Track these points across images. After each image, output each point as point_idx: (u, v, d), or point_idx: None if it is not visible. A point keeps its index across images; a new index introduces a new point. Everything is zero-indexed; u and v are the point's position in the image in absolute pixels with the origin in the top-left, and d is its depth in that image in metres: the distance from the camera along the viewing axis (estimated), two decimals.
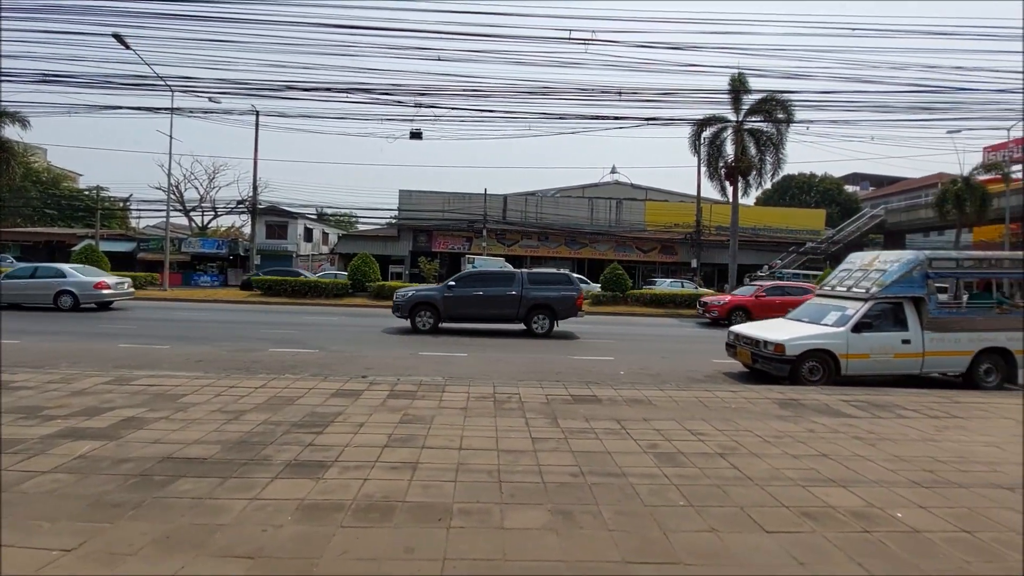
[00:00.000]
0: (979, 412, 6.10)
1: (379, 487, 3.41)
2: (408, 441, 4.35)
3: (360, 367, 8.28)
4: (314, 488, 3.36)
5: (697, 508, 3.29)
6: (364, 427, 4.69)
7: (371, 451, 4.08)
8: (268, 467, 3.69)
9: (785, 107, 22.44)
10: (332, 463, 3.81)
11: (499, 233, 33.20)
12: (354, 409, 5.25)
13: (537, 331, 12.95)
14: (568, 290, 13.29)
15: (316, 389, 6.01)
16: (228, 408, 5.14)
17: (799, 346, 7.74)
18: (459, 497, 3.30)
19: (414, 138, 21.63)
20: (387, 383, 6.46)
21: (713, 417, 5.44)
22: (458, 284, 13.07)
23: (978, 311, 8.41)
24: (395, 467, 3.77)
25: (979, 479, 3.99)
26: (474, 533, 2.85)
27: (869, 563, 2.71)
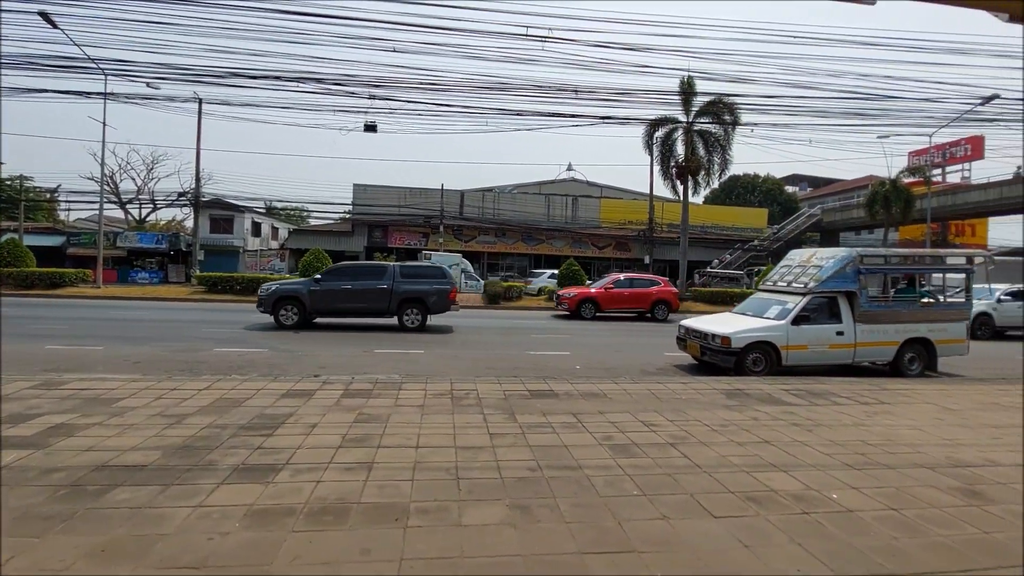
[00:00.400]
0: (904, 398, 6.59)
1: (333, 489, 3.34)
2: (363, 441, 4.27)
3: (313, 366, 8.04)
4: (264, 493, 3.25)
5: (650, 497, 3.40)
6: (317, 428, 4.56)
7: (324, 452, 3.97)
8: (214, 472, 3.53)
9: (732, 110, 23.36)
10: (283, 466, 3.68)
11: (456, 229, 32.99)
12: (306, 410, 5.10)
13: (409, 325, 12.72)
14: (441, 283, 13.10)
15: (265, 390, 5.79)
16: (169, 412, 4.88)
17: (744, 339, 8.12)
18: (416, 496, 3.27)
19: (369, 131, 21.10)
20: (341, 382, 6.30)
21: (665, 408, 5.62)
22: (325, 277, 12.69)
23: (903, 304, 9.08)
24: (350, 468, 3.69)
25: (904, 460, 4.31)
26: (431, 532, 2.84)
27: (808, 543, 2.88)
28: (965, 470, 4.12)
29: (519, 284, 25.28)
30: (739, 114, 23.13)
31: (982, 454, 4.54)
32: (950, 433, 5.14)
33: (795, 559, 2.71)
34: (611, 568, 2.56)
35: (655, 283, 18.27)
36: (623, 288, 17.76)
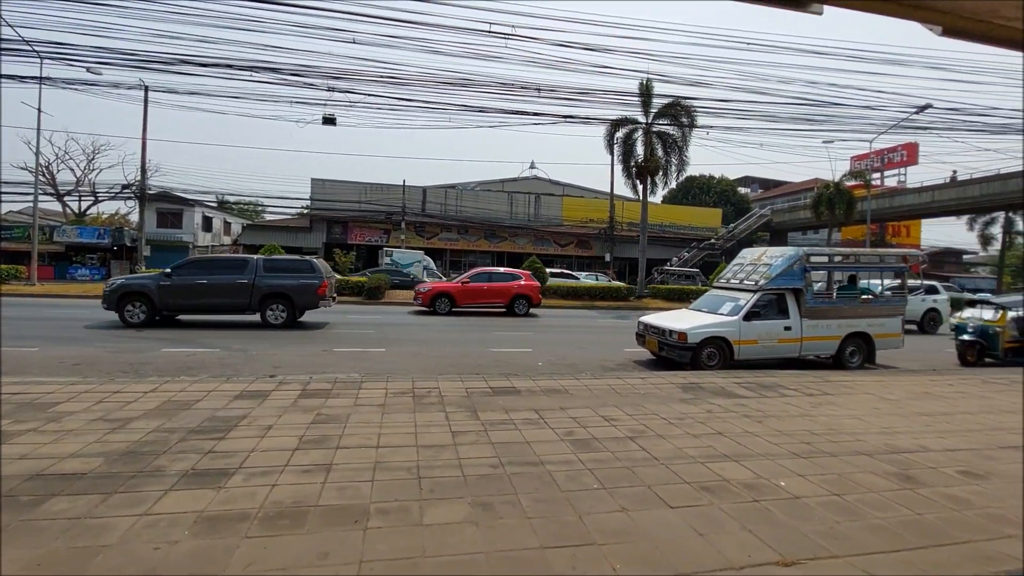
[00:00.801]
0: (845, 389, 6.98)
1: (289, 492, 3.25)
2: (322, 442, 4.17)
3: (268, 366, 7.79)
4: (215, 498, 3.13)
5: (609, 490, 3.47)
6: (272, 430, 4.42)
7: (280, 455, 3.86)
8: (161, 479, 3.38)
9: (689, 112, 24.03)
10: (236, 470, 3.56)
11: (418, 226, 32.61)
12: (261, 411, 4.94)
13: (273, 322, 11.99)
14: (309, 278, 12.32)
15: (217, 391, 5.57)
16: (112, 416, 4.62)
17: (699, 334, 8.39)
18: (377, 497, 3.23)
19: (327, 124, 20.53)
20: (298, 382, 6.13)
21: (624, 403, 5.75)
22: (178, 272, 11.82)
23: (845, 301, 9.61)
24: (307, 470, 3.60)
25: (846, 448, 4.57)
26: (392, 532, 2.81)
27: (758, 529, 3.02)
28: (900, 456, 4.41)
29: None
30: (696, 117, 23.82)
31: (915, 441, 4.86)
32: (887, 422, 5.48)
33: (746, 545, 2.83)
34: (572, 561, 2.60)
35: (516, 277, 17.81)
36: (481, 282, 17.28)
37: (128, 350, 8.71)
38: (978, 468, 4.20)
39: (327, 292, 12.58)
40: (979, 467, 4.22)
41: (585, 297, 23.47)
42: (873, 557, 2.77)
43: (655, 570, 2.56)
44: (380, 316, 15.96)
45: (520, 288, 17.40)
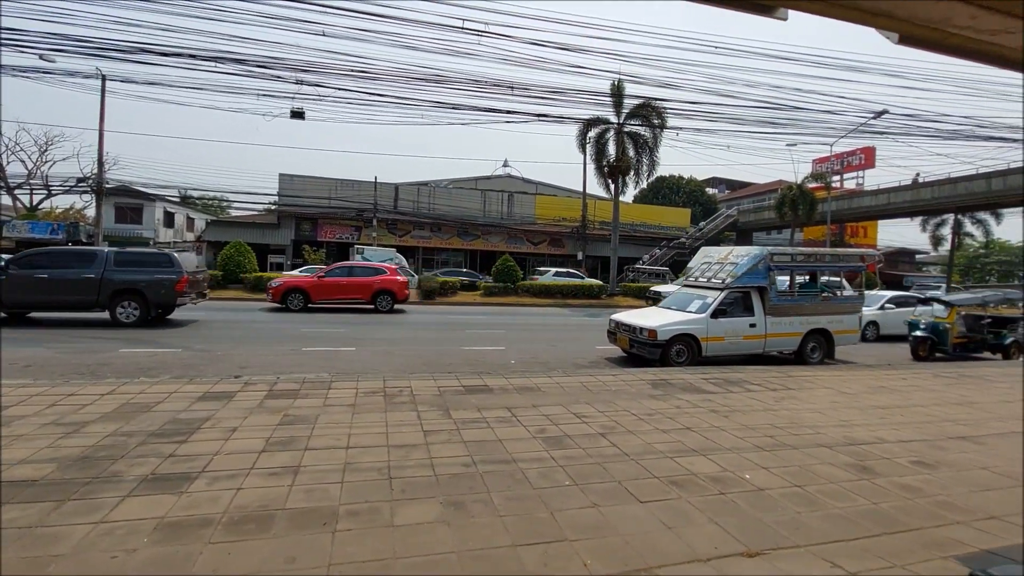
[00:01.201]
0: (807, 384, 7.23)
1: (255, 496, 3.16)
2: (289, 444, 4.08)
3: (233, 366, 7.57)
4: (176, 504, 3.02)
5: (581, 486, 3.50)
6: (237, 432, 4.30)
7: (246, 457, 3.76)
8: (118, 484, 3.24)
9: (659, 113, 24.42)
10: (199, 474, 3.45)
11: (390, 223, 32.17)
12: (225, 413, 4.80)
13: (124, 320, 11.12)
14: (166, 272, 11.39)
15: (179, 393, 5.38)
16: (66, 420, 4.41)
17: (668, 331, 8.56)
18: (346, 498, 3.18)
19: (295, 118, 20.01)
20: (265, 382, 5.98)
21: (596, 400, 5.81)
22: (15, 265, 10.83)
23: (806, 298, 9.95)
24: (274, 473, 3.52)
25: (807, 441, 4.73)
26: (362, 534, 2.77)
27: (724, 521, 3.10)
28: (858, 448, 4.59)
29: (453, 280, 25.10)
30: (666, 118, 24.22)
31: (872, 433, 5.07)
32: (845, 415, 5.70)
33: (712, 537, 2.90)
34: (543, 558, 2.62)
35: (379, 272, 16.86)
36: (340, 277, 16.22)
37: (84, 351, 8.33)
38: (929, 458, 4.41)
39: (188, 288, 11.61)
40: (930, 457, 4.44)
41: (557, 295, 23.62)
42: (833, 546, 2.88)
43: (625, 564, 2.60)
44: (351, 315, 15.69)
45: (383, 283, 16.39)
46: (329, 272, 16.44)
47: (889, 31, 1.44)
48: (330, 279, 16.07)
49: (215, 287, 20.71)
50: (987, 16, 1.29)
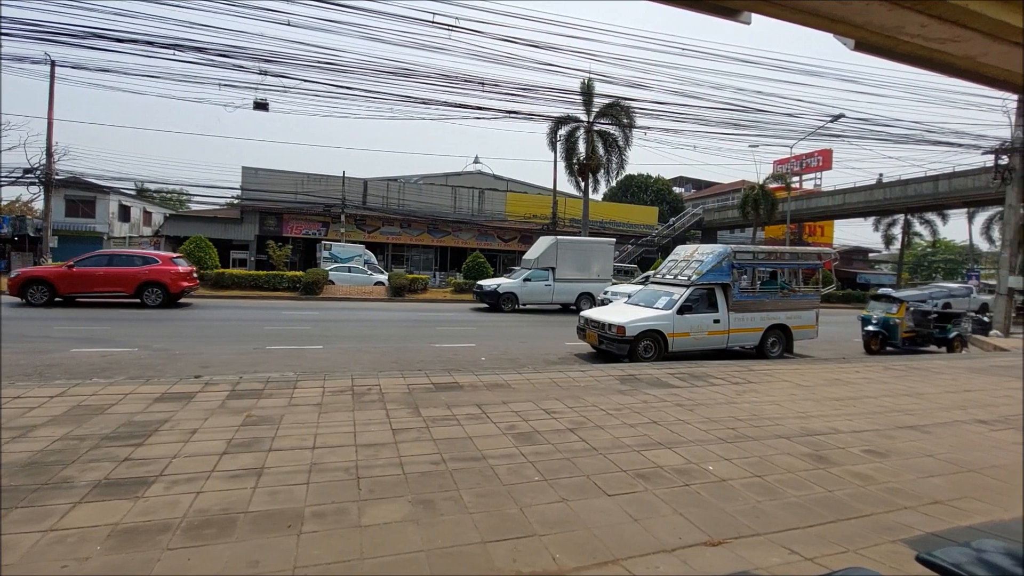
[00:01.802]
0: (767, 377, 7.48)
1: (216, 499, 3.07)
2: (252, 445, 3.97)
3: (193, 366, 7.31)
4: (132, 509, 2.91)
5: (550, 481, 3.54)
6: (197, 434, 4.16)
7: (206, 460, 3.64)
8: (69, 490, 3.09)
9: (628, 113, 24.74)
10: (156, 478, 3.32)
11: (359, 219, 31.60)
12: (185, 414, 4.63)
13: None
14: None
15: (135, 394, 5.16)
16: (12, 424, 4.18)
17: (636, 328, 8.71)
18: (312, 500, 3.12)
19: (259, 109, 19.37)
20: (227, 382, 5.80)
21: (565, 396, 5.87)
22: None
23: (767, 295, 10.29)
24: (236, 475, 3.42)
25: (767, 432, 4.90)
26: (328, 536, 2.72)
27: (688, 512, 3.18)
28: (814, 438, 4.79)
29: (423, 276, 24.91)
30: (635, 117, 24.55)
31: (827, 423, 5.29)
32: (803, 407, 5.93)
33: (677, 528, 2.98)
34: (513, 554, 2.63)
35: (150, 261, 14.38)
36: (96, 266, 13.83)
37: (32, 351, 7.88)
38: (880, 447, 4.63)
39: None
40: (881, 446, 4.66)
41: None
42: (790, 533, 2.99)
43: (593, 557, 2.64)
44: (318, 312, 15.38)
45: (152, 273, 14.06)
46: (81, 261, 14.00)
47: (846, 37, 1.50)
48: (81, 269, 13.73)
49: None
50: (936, 25, 1.36)
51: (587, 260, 18.72)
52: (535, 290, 17.99)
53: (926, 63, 1.65)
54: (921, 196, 30.00)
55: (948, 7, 1.29)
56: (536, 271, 18.27)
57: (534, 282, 18.03)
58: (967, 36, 1.41)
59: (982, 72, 1.67)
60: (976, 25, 1.35)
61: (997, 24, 1.35)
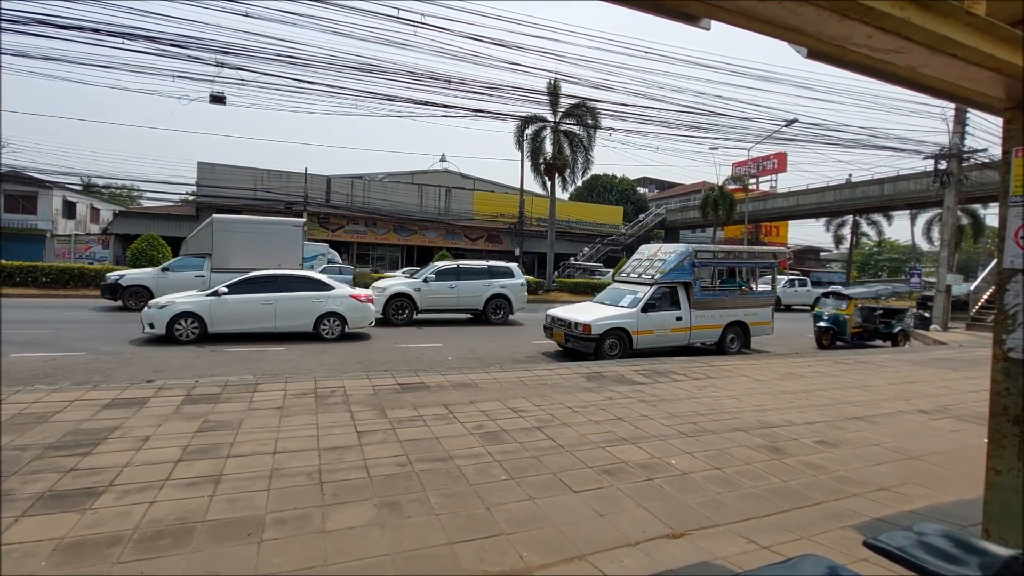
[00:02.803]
0: (726, 373, 7.73)
1: (171, 509, 2.96)
2: (209, 451, 3.83)
3: (145, 370, 6.99)
4: (79, 522, 2.76)
5: (517, 480, 3.56)
6: (150, 441, 3.99)
7: (160, 468, 3.50)
8: (11, 504, 2.92)
9: (594, 114, 25.05)
10: (105, 488, 3.17)
11: (322, 217, 30.88)
12: (137, 421, 4.43)
13: None
14: None
15: (82, 401, 4.90)
16: None
17: (602, 326, 8.85)
18: (273, 506, 3.04)
19: (216, 103, 18.64)
20: (182, 387, 5.58)
21: (532, 394, 5.91)
22: None
23: (726, 293, 10.63)
24: (193, 483, 3.30)
25: (726, 425, 5.07)
26: (290, 542, 2.66)
27: (651, 505, 3.26)
28: (770, 430, 4.98)
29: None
30: (600, 118, 24.88)
31: (782, 416, 5.51)
32: (759, 400, 6.16)
33: (641, 521, 3.05)
34: (480, 554, 2.64)
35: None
36: None
37: None
38: (831, 437, 4.86)
39: None
40: (832, 436, 4.89)
41: None
42: (748, 523, 3.11)
43: (559, 553, 2.67)
44: None
45: None
46: None
47: (799, 45, 1.57)
48: None
49: None
50: (881, 36, 1.44)
51: (263, 246, 14.16)
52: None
53: (873, 72, 1.74)
54: (868, 198, 31.57)
55: (892, 20, 1.36)
56: (185, 259, 14.33)
57: (175, 272, 13.70)
58: (909, 48, 1.50)
59: (923, 82, 1.77)
60: (917, 38, 1.44)
61: (936, 37, 1.44)
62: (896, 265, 57.89)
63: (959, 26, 1.47)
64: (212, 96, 17.34)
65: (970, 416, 5.78)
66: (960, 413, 5.94)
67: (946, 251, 17.82)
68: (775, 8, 1.34)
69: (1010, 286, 1.84)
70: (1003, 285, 1.86)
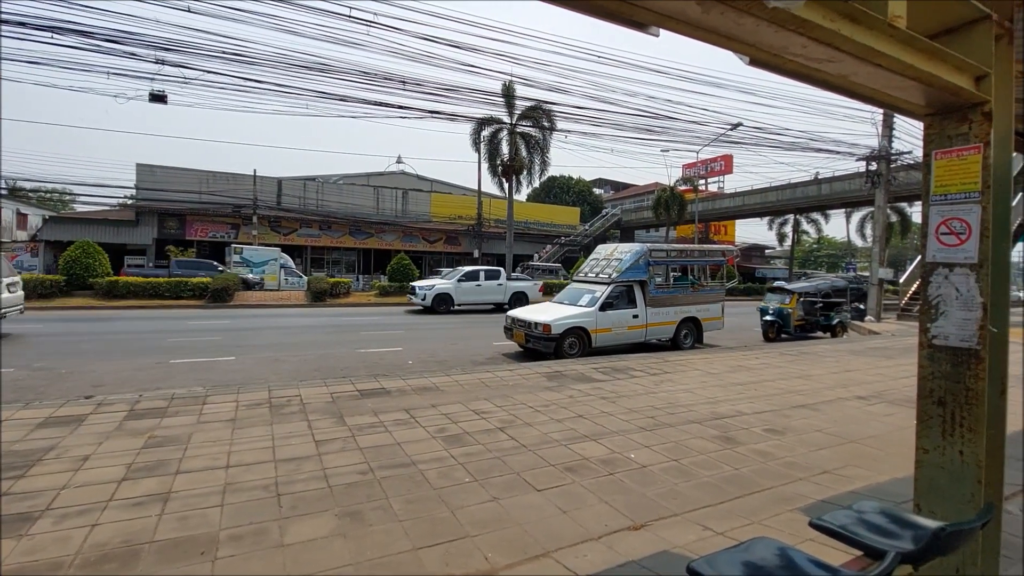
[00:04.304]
0: (681, 367, 7.99)
1: (116, 531, 2.79)
2: (156, 469, 3.64)
3: (84, 385, 6.57)
4: (15, 549, 2.57)
5: (481, 482, 3.56)
6: (90, 460, 3.75)
7: (102, 489, 3.30)
8: None
9: (549, 116, 25.35)
10: (42, 513, 2.96)
11: (273, 220, 29.79)
12: (74, 440, 4.16)
13: None
14: None
15: (11, 420, 4.55)
16: None
17: (561, 325, 8.97)
18: (228, 522, 2.92)
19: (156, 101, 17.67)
20: (125, 402, 5.27)
21: (494, 395, 5.92)
22: None
23: (680, 290, 11.00)
24: (139, 503, 3.13)
25: (682, 418, 5.24)
26: (247, 558, 2.57)
27: (613, 499, 3.34)
28: (722, 421, 5.19)
29: (345, 280, 24.05)
30: (556, 121, 25.21)
31: (733, 407, 5.75)
32: (712, 393, 6.40)
33: (603, 516, 3.12)
34: (445, 558, 2.63)
35: None
36: None
37: None
38: (778, 425, 5.11)
39: None
40: (779, 424, 5.14)
41: None
42: (704, 511, 3.23)
43: (524, 552, 2.70)
44: (230, 320, 14.36)
45: None
46: None
47: (742, 54, 1.65)
48: None
49: (58, 294, 17.78)
50: (815, 46, 1.54)
51: None
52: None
53: (809, 79, 1.85)
54: (807, 198, 33.37)
55: (824, 31, 1.46)
56: None
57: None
58: (840, 57, 1.60)
59: (854, 89, 1.90)
60: (847, 48, 1.55)
61: (863, 48, 1.55)
62: (834, 260, 61.37)
63: (883, 38, 1.59)
64: (152, 95, 16.44)
65: (901, 400, 6.21)
66: (893, 398, 6.37)
67: (878, 247, 19.06)
68: (718, 19, 1.41)
69: (933, 278, 2.00)
70: (927, 278, 2.02)
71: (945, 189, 1.96)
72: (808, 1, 1.36)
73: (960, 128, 1.95)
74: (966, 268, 1.91)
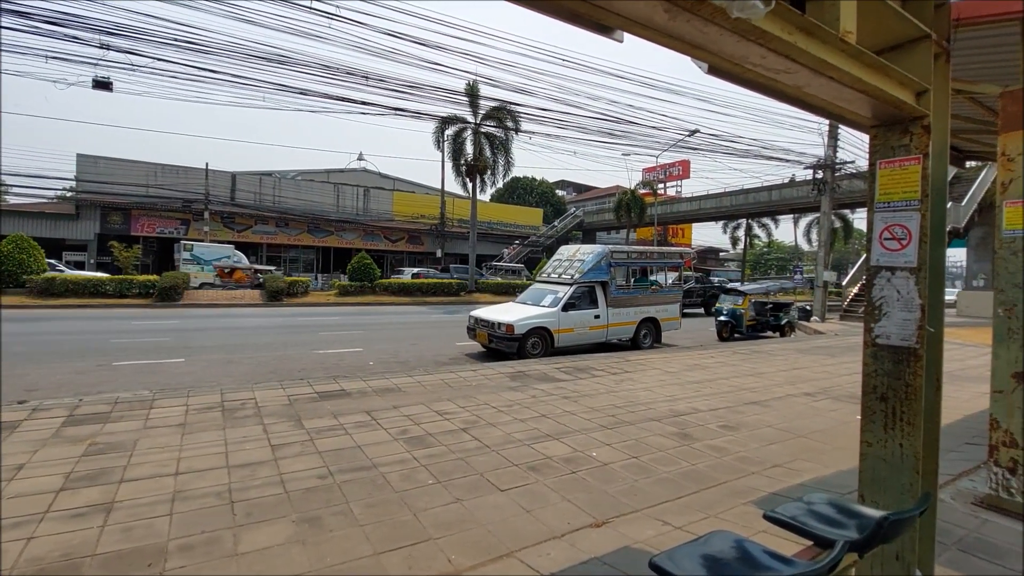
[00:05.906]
0: (640, 366, 8.17)
1: (54, 544, 2.62)
2: (99, 477, 3.43)
3: (16, 389, 6.11)
4: None
5: (444, 483, 3.53)
6: (24, 470, 3.50)
7: (38, 500, 3.08)
8: None
9: (514, 117, 25.42)
10: None
11: (226, 216, 28.61)
12: (7, 447, 3.87)
13: None
14: None
15: None
16: None
17: (524, 325, 9.01)
18: (177, 532, 2.78)
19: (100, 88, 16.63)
20: (63, 407, 4.94)
21: (457, 396, 5.88)
22: None
23: (639, 290, 11.26)
24: (79, 514, 2.94)
25: (641, 416, 5.36)
26: (198, 569, 2.46)
27: (575, 497, 3.38)
28: (679, 418, 5.33)
29: (303, 279, 23.39)
30: (520, 122, 25.31)
31: (690, 404, 5.92)
32: (670, 391, 6.57)
33: (566, 513, 3.15)
34: (408, 561, 2.59)
35: None
36: None
37: None
38: (732, 421, 5.30)
39: None
40: (733, 420, 5.33)
41: (417, 293, 23.33)
42: (663, 506, 3.31)
43: (487, 553, 2.69)
44: (178, 320, 13.70)
45: None
46: None
47: (701, 61, 1.70)
48: None
49: None
50: (773, 57, 1.60)
51: None
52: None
53: (765, 89, 1.92)
54: (759, 203, 34.79)
55: (783, 43, 1.53)
56: None
57: None
58: (796, 69, 1.68)
59: (807, 100, 1.99)
60: (802, 60, 1.62)
61: (817, 60, 1.63)
62: (783, 263, 64.19)
63: (835, 52, 1.68)
64: (96, 81, 15.49)
65: (845, 396, 6.56)
66: (837, 394, 6.72)
67: (823, 251, 20.07)
68: (683, 26, 1.44)
69: (876, 281, 2.12)
70: (871, 280, 2.14)
71: (888, 197, 2.09)
72: (769, 14, 1.41)
73: (902, 140, 2.08)
74: (906, 272, 2.03)
